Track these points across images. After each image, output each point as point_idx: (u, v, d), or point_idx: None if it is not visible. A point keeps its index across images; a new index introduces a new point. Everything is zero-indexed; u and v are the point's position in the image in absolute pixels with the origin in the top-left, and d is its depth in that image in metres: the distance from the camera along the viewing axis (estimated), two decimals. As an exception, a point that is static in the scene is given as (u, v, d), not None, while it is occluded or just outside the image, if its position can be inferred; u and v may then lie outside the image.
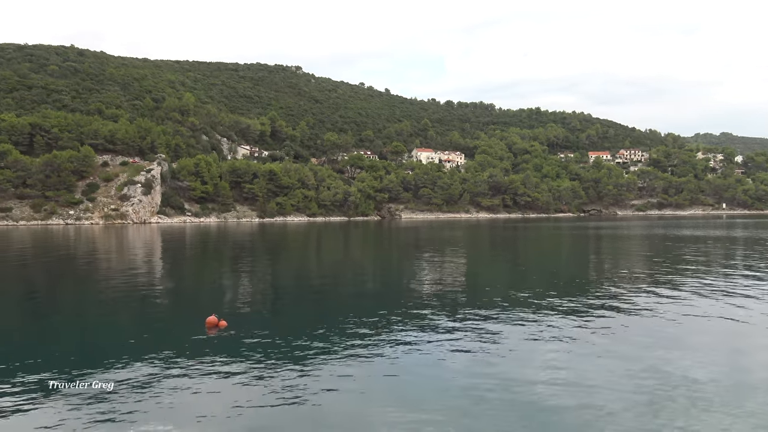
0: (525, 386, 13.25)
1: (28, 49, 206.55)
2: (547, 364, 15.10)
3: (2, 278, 36.92)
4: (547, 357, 15.79)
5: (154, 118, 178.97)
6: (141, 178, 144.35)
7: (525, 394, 12.74)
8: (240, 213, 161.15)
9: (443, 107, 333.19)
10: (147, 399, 12.58)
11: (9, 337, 19.34)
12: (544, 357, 15.79)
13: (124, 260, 48.31)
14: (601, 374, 14.13)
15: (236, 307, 24.24)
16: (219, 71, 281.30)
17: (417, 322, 20.31)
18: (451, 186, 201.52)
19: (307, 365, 14.99)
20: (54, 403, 12.38)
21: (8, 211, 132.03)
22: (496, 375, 14.05)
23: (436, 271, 37.17)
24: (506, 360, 15.49)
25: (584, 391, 12.92)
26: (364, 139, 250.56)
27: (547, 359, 15.56)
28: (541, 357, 15.79)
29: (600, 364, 15.00)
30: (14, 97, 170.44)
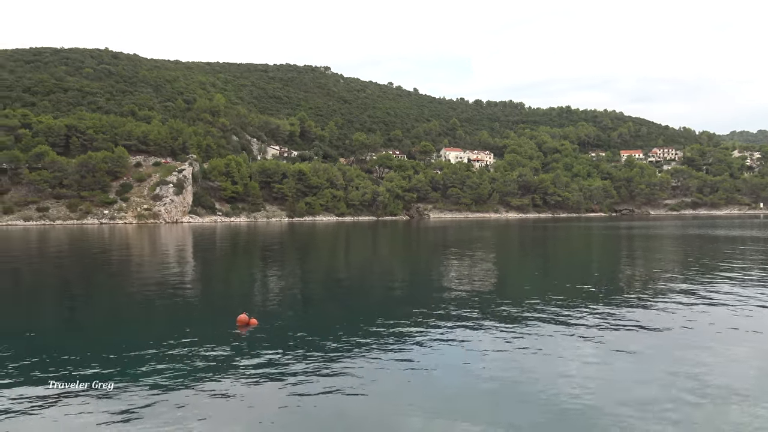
0: (554, 386, 13.13)
1: (64, 53, 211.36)
2: (577, 363, 14.95)
3: (40, 275, 37.86)
4: (577, 356, 15.63)
5: (185, 119, 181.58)
6: (173, 179, 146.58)
7: (555, 395, 12.63)
8: (269, 213, 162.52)
9: (472, 106, 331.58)
10: (177, 397, 12.79)
11: (43, 333, 19.83)
12: (574, 357, 15.63)
13: (157, 259, 49.13)
14: (630, 375, 13.94)
15: (266, 305, 24.47)
16: (249, 72, 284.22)
17: (446, 321, 20.26)
18: (480, 185, 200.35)
19: (336, 365, 15.08)
20: (80, 399, 12.67)
21: (45, 210, 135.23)
22: (525, 374, 13.96)
23: (465, 270, 37.02)
24: (535, 359, 15.38)
25: (614, 391, 12.76)
26: (392, 139, 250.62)
27: (577, 359, 15.40)
28: (571, 357, 15.64)
29: (630, 365, 14.80)
30: (51, 100, 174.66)
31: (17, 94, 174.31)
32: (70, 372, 14.54)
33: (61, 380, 13.85)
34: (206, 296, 28.27)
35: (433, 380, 13.81)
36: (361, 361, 15.34)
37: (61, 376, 14.21)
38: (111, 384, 13.53)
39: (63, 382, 13.72)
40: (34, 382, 13.75)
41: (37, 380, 13.92)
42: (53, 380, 13.83)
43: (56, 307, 25.97)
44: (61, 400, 12.53)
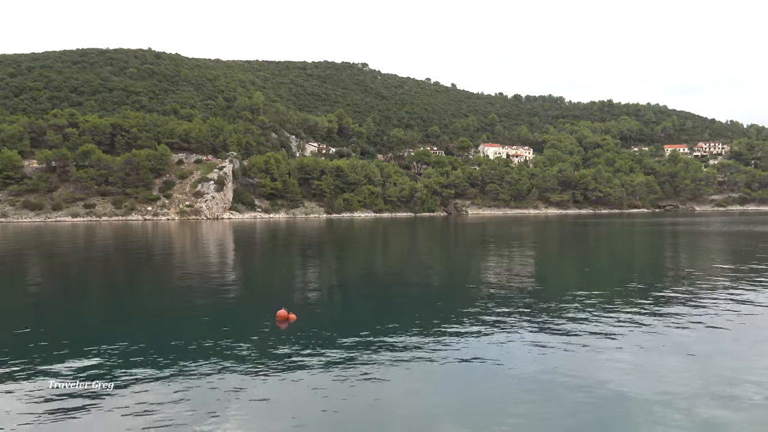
0: (594, 389, 12.91)
1: (110, 53, 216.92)
2: (618, 365, 14.67)
3: (87, 269, 38.97)
4: (618, 358, 15.33)
5: (226, 116, 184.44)
6: (214, 176, 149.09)
7: (594, 398, 12.42)
8: (308, 209, 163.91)
9: (511, 101, 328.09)
10: (216, 390, 13.02)
11: (88, 323, 20.41)
12: (615, 358, 15.34)
13: (199, 254, 50.06)
14: (674, 377, 13.61)
15: (305, 301, 24.69)
16: (288, 70, 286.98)
17: (483, 319, 20.12)
18: (519, 181, 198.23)
19: (373, 361, 15.12)
20: (124, 390, 13.00)
21: (92, 207, 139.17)
22: (563, 376, 13.74)
23: (503, 267, 36.69)
24: (574, 360, 15.14)
25: (656, 394, 12.49)
26: (430, 135, 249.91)
27: (618, 360, 15.11)
28: (612, 358, 15.35)
29: (675, 367, 14.45)
30: (97, 99, 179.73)
31: (65, 94, 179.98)
32: (114, 363, 14.94)
33: (106, 371, 14.25)
34: (246, 291, 28.69)
35: (470, 379, 13.72)
36: (397, 358, 15.35)
37: (105, 366, 14.62)
38: (150, 375, 13.86)
39: (108, 373, 14.12)
40: (80, 373, 14.17)
41: (83, 370, 14.35)
42: (99, 371, 14.25)
43: (102, 300, 26.69)
44: (105, 392, 12.89)
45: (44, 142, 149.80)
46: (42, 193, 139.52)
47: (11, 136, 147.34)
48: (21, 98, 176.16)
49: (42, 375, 14.06)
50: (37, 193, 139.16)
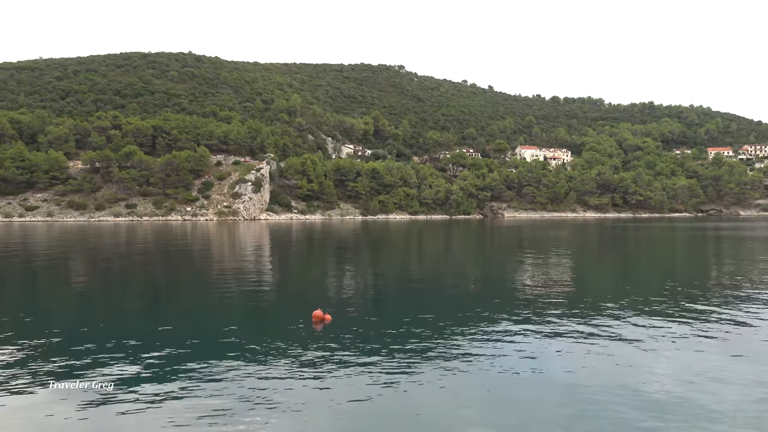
0: (633, 401, 12.59)
1: (152, 57, 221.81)
2: (656, 371, 14.30)
3: (128, 267, 39.82)
4: (657, 363, 14.95)
5: (263, 119, 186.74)
6: (251, 177, 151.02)
7: (632, 403, 12.12)
8: (344, 210, 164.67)
9: (548, 103, 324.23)
10: (251, 390, 13.11)
11: (126, 321, 20.81)
12: (654, 363, 14.96)
13: (236, 254, 50.71)
14: (711, 384, 13.19)
15: (340, 302, 24.74)
16: (325, 72, 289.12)
17: (519, 323, 19.86)
18: (556, 184, 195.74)
19: (407, 364, 15.04)
20: (154, 389, 13.19)
21: (134, 207, 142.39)
22: (602, 387, 13.44)
23: (540, 271, 36.20)
24: (613, 369, 14.79)
25: (696, 401, 12.12)
26: (466, 137, 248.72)
27: (657, 366, 14.73)
28: (650, 363, 14.98)
29: (712, 374, 14.01)
30: (139, 102, 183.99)
31: (109, 97, 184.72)
32: (149, 363, 15.20)
33: (142, 369, 14.51)
34: (282, 292, 28.91)
35: (506, 386, 13.52)
36: (431, 362, 15.24)
37: (140, 365, 14.89)
38: (183, 375, 14.05)
39: (142, 370, 14.37)
40: (116, 371, 14.45)
41: (121, 368, 14.63)
42: (135, 368, 14.51)
43: (141, 299, 27.21)
44: (140, 390, 13.11)
45: (89, 143, 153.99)
46: (86, 194, 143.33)
47: (57, 137, 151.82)
48: (67, 101, 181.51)
49: (80, 373, 14.37)
50: (82, 193, 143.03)
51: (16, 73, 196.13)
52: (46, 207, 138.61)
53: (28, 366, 14.82)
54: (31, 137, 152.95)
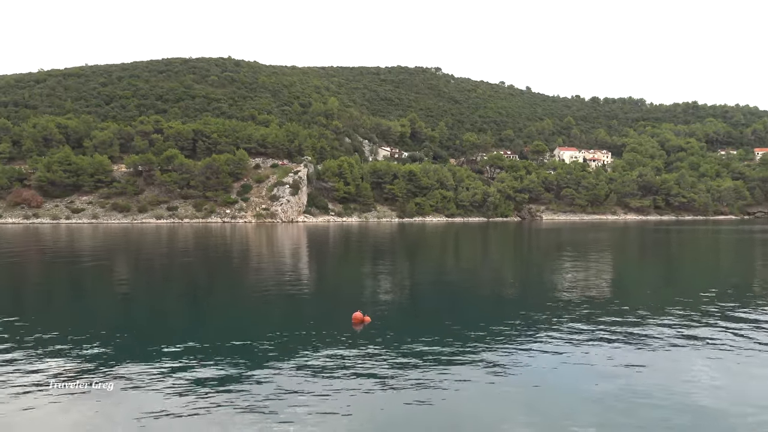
0: (674, 400, 12.31)
1: (192, 62, 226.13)
2: (698, 376, 13.96)
3: (170, 268, 40.66)
4: (698, 369, 14.58)
5: (301, 122, 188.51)
6: (289, 180, 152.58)
7: (673, 409, 11.85)
8: (380, 213, 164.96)
9: (588, 104, 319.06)
10: (291, 391, 13.24)
11: (167, 320, 21.24)
12: (696, 369, 14.60)
13: (275, 256, 51.29)
14: (757, 394, 12.81)
15: (379, 304, 24.81)
16: (361, 75, 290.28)
17: (557, 327, 19.63)
18: (596, 186, 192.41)
19: (445, 366, 15.01)
20: (202, 389, 13.42)
21: (175, 209, 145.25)
22: (642, 396, 13.16)
23: (580, 275, 35.67)
24: (653, 378, 14.47)
25: (738, 408, 11.77)
26: (503, 139, 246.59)
27: (699, 371, 14.37)
28: (692, 368, 14.63)
29: (757, 384, 13.60)
30: (180, 107, 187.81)
31: (151, 102, 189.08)
32: (189, 361, 15.48)
33: (180, 368, 14.79)
34: (322, 293, 29.14)
35: (544, 391, 13.37)
36: (470, 365, 15.18)
37: (179, 363, 15.18)
38: (222, 375, 14.28)
39: (182, 369, 14.65)
40: (156, 370, 14.77)
41: (160, 366, 14.95)
42: (174, 367, 14.81)
43: (182, 298, 27.74)
44: (179, 388, 13.37)
45: (132, 147, 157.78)
46: (129, 196, 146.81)
47: (102, 142, 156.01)
48: (111, 106, 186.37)
49: (120, 370, 14.74)
50: (125, 196, 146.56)
51: (63, 80, 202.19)
52: (91, 209, 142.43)
53: (71, 362, 15.27)
54: (77, 142, 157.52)
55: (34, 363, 15.26)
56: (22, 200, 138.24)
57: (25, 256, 50.62)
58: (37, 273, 39.07)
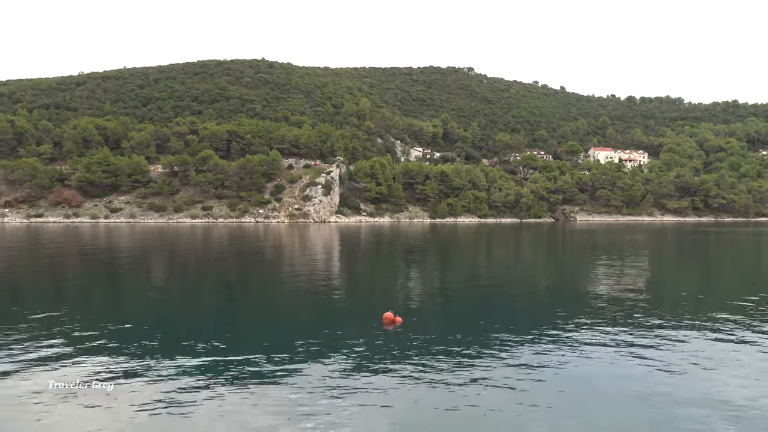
0: (712, 408, 12.00)
1: (227, 64, 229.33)
2: (734, 383, 13.57)
3: (204, 267, 41.26)
4: (735, 375, 14.18)
5: (333, 123, 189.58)
6: (321, 180, 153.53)
7: (710, 417, 11.55)
8: (412, 213, 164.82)
9: (624, 103, 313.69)
10: (322, 390, 13.30)
11: (198, 319, 21.53)
12: (733, 375, 14.20)
13: (307, 256, 51.64)
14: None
15: (410, 304, 24.78)
16: (393, 76, 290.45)
17: (591, 330, 19.33)
18: (632, 187, 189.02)
19: (476, 369, 14.91)
20: (229, 386, 13.56)
21: (209, 209, 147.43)
22: (678, 391, 12.89)
23: (614, 276, 35.08)
24: (690, 375, 14.17)
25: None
26: (537, 139, 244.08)
27: (736, 378, 13.97)
28: (730, 375, 14.23)
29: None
30: (215, 108, 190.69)
31: (187, 103, 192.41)
32: (222, 360, 15.67)
33: (213, 367, 14.98)
34: (353, 293, 29.22)
35: (575, 394, 13.18)
36: (500, 367, 15.04)
37: (212, 361, 15.37)
38: (252, 373, 14.40)
39: (210, 369, 14.84)
40: (191, 367, 14.99)
41: (193, 364, 15.16)
42: (207, 366, 15.01)
43: (214, 297, 28.10)
44: (212, 386, 13.54)
45: (168, 148, 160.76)
46: (165, 196, 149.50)
47: (139, 143, 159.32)
48: (148, 108, 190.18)
49: (155, 368, 14.99)
50: (161, 196, 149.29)
51: (102, 82, 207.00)
52: (128, 209, 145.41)
53: (106, 359, 15.60)
54: (115, 143, 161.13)
55: (65, 360, 15.64)
56: (63, 200, 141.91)
57: (65, 254, 51.92)
58: (75, 270, 40.04)
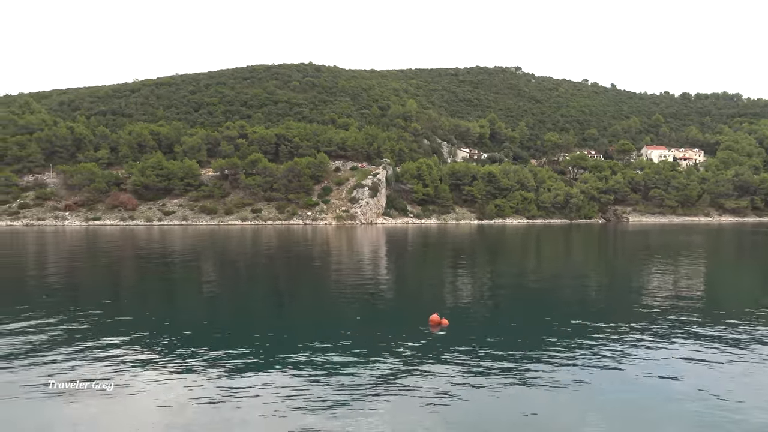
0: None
1: (275, 69, 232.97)
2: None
3: (255, 267, 41.97)
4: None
5: (380, 124, 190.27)
6: (368, 182, 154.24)
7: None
8: (459, 215, 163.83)
9: (678, 100, 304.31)
10: (368, 390, 13.33)
11: (247, 318, 21.88)
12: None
13: (354, 257, 51.92)
14: None
15: (457, 306, 24.63)
16: (440, 77, 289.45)
17: (643, 335, 18.82)
18: (687, 186, 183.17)
19: (522, 374, 14.70)
20: (277, 383, 13.71)
21: (259, 212, 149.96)
22: (734, 400, 12.40)
23: (668, 280, 34.06)
24: (748, 387, 13.59)
25: None
26: (587, 138, 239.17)
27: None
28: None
29: None
30: (264, 112, 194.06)
31: (236, 108, 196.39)
32: (270, 357, 15.88)
33: (261, 363, 15.20)
34: (399, 295, 29.23)
35: (630, 399, 12.84)
36: (547, 371, 14.80)
37: (261, 358, 15.60)
38: (303, 368, 14.54)
39: (257, 368, 15.05)
40: (242, 363, 15.24)
41: (243, 361, 15.41)
42: (256, 362, 15.24)
43: (264, 297, 28.53)
44: (258, 382, 13.73)
45: (218, 152, 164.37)
46: (216, 199, 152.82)
47: (191, 147, 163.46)
48: (199, 113, 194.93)
49: (207, 365, 15.30)
50: (212, 199, 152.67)
51: (155, 89, 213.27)
52: (181, 211, 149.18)
53: (160, 356, 16.02)
54: (168, 147, 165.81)
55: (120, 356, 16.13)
56: (119, 203, 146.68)
57: (123, 256, 53.64)
58: (132, 270, 41.30)
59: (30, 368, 15.04)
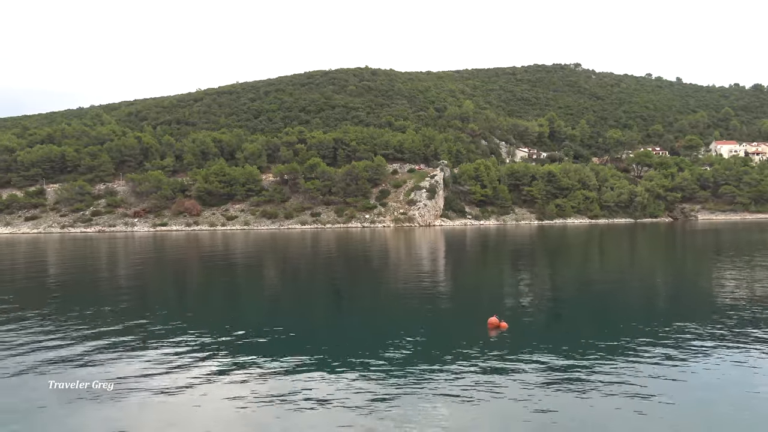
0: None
1: (332, 74, 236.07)
2: None
3: (313, 270, 42.59)
4: None
5: (436, 126, 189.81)
6: (426, 184, 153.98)
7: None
8: (518, 215, 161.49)
9: (749, 92, 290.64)
10: (425, 392, 13.30)
11: (309, 318, 22.19)
12: None
13: (412, 260, 51.96)
14: None
15: (516, 309, 24.30)
16: (497, 77, 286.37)
17: (713, 341, 18.06)
18: (761, 182, 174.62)
19: (585, 381, 14.32)
20: (334, 383, 13.83)
21: (318, 215, 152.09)
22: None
23: (741, 282, 32.55)
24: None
25: None
26: (651, 135, 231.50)
27: None
28: None
29: None
30: (321, 117, 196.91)
31: (295, 114, 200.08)
32: (329, 357, 16.06)
33: (319, 363, 15.39)
34: (458, 297, 29.06)
35: (694, 410, 12.35)
36: (610, 376, 14.39)
37: (319, 358, 15.79)
38: (358, 375, 14.63)
39: (316, 368, 15.24)
40: (300, 363, 15.48)
41: (301, 360, 15.65)
42: (315, 361, 15.44)
43: (322, 299, 28.90)
44: (316, 380, 13.90)
45: (278, 157, 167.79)
46: (276, 204, 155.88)
47: (252, 153, 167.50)
48: (259, 119, 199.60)
49: (264, 364, 15.61)
50: (273, 204, 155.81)
51: (217, 97, 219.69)
52: (243, 216, 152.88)
53: (219, 354, 16.45)
54: (230, 154, 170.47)
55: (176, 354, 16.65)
56: (184, 209, 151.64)
57: (189, 259, 55.43)
58: (200, 273, 42.62)
59: (111, 365, 15.74)
